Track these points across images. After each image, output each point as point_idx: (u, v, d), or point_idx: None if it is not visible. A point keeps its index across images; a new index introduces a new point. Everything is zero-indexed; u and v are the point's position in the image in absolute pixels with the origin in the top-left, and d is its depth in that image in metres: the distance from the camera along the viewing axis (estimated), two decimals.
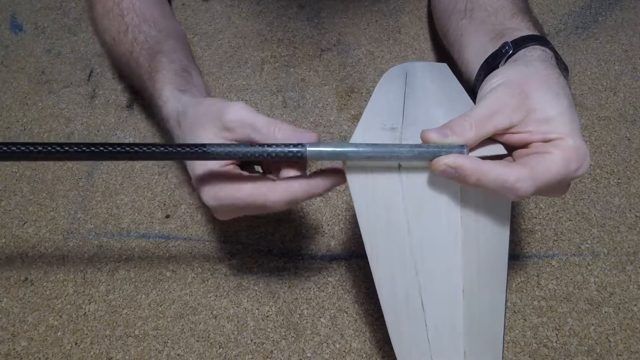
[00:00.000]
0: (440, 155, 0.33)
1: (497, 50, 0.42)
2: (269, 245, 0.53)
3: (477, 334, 0.38)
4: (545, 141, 0.34)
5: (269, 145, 0.34)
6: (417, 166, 0.36)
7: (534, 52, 0.39)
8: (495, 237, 0.37)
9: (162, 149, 0.33)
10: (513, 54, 0.40)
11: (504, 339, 0.39)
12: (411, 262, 0.37)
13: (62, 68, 0.66)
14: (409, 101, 0.41)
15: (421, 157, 0.34)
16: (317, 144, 0.34)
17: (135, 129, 0.61)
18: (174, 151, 0.33)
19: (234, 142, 0.37)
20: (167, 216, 0.54)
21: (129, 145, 0.33)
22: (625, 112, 0.61)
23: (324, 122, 0.61)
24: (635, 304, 0.48)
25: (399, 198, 0.36)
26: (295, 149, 0.34)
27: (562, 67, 0.41)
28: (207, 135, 0.37)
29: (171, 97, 0.43)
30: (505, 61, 0.41)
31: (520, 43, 0.40)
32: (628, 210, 0.54)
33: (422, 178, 0.36)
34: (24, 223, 0.54)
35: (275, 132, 0.36)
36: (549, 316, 0.48)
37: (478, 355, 0.38)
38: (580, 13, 0.71)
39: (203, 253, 0.52)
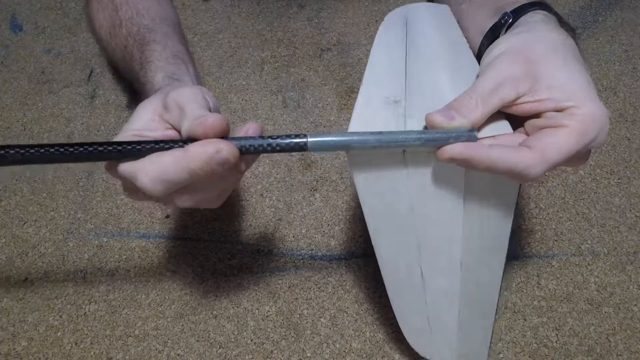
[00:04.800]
0: (449, 142, 0.31)
1: (497, 22, 0.39)
2: (268, 245, 0.52)
3: (473, 298, 0.40)
4: (558, 110, 0.31)
5: (273, 137, 0.32)
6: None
7: (535, 17, 0.36)
8: (498, 215, 0.37)
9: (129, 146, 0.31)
10: (513, 22, 0.38)
11: (497, 306, 0.42)
12: (414, 240, 0.37)
13: (62, 68, 0.66)
14: (411, 60, 0.39)
15: (429, 144, 0.32)
16: (318, 134, 0.32)
17: None
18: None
19: (167, 124, 0.34)
20: (167, 216, 0.54)
21: (86, 144, 0.31)
22: (625, 112, 0.61)
23: (324, 122, 0.61)
24: (635, 304, 0.48)
25: (404, 179, 0.35)
26: (295, 140, 0.32)
27: (569, 28, 0.37)
28: (146, 106, 0.35)
29: (162, 82, 0.42)
30: (506, 31, 0.38)
31: (520, 11, 0.38)
32: (628, 210, 0.54)
33: (427, 158, 0.35)
34: (24, 223, 0.54)
35: (192, 123, 0.32)
36: (549, 316, 0.48)
37: (471, 314, 0.41)
38: (580, 13, 0.71)
39: (203, 253, 0.52)
